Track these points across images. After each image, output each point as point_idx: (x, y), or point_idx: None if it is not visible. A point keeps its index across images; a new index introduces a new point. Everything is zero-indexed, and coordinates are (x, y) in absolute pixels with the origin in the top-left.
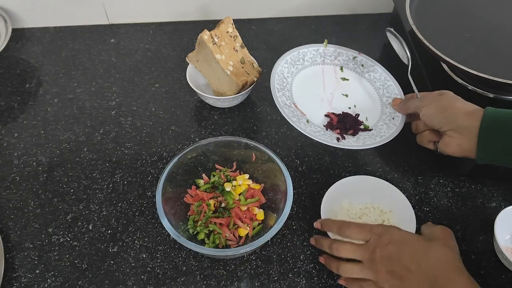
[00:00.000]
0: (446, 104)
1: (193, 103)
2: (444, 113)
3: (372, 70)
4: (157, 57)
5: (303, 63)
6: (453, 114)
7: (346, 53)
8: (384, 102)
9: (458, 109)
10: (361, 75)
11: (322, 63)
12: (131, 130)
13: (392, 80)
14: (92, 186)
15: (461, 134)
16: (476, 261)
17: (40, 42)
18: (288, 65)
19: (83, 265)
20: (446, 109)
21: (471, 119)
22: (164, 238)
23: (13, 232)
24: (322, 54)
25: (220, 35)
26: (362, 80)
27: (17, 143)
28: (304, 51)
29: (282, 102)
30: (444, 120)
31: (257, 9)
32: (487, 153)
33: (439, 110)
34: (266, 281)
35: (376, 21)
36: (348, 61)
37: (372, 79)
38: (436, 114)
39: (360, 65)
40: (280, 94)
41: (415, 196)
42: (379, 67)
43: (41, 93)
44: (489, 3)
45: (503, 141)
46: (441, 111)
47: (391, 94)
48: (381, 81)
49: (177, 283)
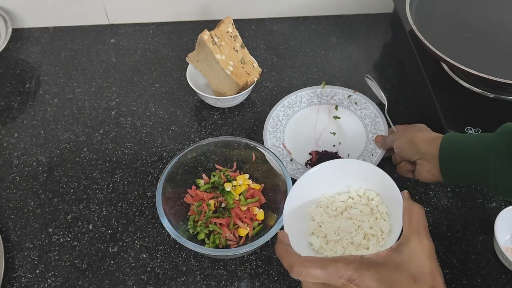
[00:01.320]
0: (412, 135)
1: (193, 103)
2: (411, 144)
3: (365, 108)
4: (157, 57)
5: (300, 105)
6: (417, 144)
7: (342, 92)
8: (369, 139)
9: (420, 139)
10: (353, 113)
11: (319, 103)
12: (131, 130)
13: (381, 117)
14: (92, 186)
15: (428, 162)
16: (476, 261)
17: (39, 42)
18: (284, 108)
19: (83, 265)
20: (412, 140)
21: (432, 147)
22: (164, 238)
23: (13, 232)
24: (319, 95)
25: (220, 35)
26: (354, 118)
27: (17, 143)
28: (301, 94)
29: (271, 143)
30: (411, 150)
31: (257, 9)
32: (451, 178)
33: (406, 141)
34: (266, 281)
35: (376, 21)
36: (343, 99)
37: (363, 116)
38: (404, 145)
39: (354, 102)
40: (271, 136)
41: (415, 196)
42: (371, 104)
43: (41, 93)
44: (489, 3)
45: (460, 167)
46: (408, 143)
47: (377, 131)
48: (371, 117)
49: (177, 283)
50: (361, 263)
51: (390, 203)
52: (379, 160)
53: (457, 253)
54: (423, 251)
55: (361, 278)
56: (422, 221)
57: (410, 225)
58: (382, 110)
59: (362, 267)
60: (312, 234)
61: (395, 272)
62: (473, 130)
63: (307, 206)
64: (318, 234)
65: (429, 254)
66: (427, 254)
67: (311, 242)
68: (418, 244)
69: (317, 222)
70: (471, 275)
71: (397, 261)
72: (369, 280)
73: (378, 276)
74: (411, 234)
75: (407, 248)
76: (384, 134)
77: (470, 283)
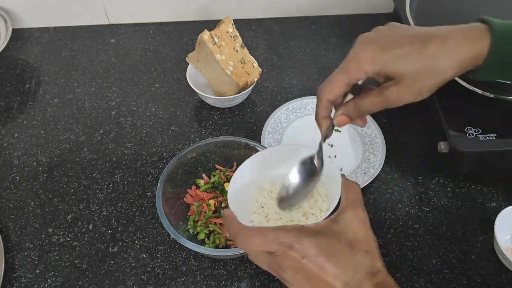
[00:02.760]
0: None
1: (193, 103)
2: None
3: (366, 126)
4: (157, 57)
5: (304, 112)
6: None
7: None
8: (365, 157)
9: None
10: (355, 129)
11: None
12: (131, 130)
13: (381, 138)
14: (92, 186)
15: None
16: (476, 261)
17: (39, 42)
18: (288, 112)
19: (83, 265)
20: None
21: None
22: (164, 238)
23: (13, 232)
24: None
25: (220, 35)
26: (354, 134)
27: (17, 143)
28: (307, 101)
29: (268, 143)
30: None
31: (257, 9)
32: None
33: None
34: (266, 281)
35: (376, 21)
36: None
37: (363, 134)
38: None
39: None
40: (270, 136)
41: (415, 196)
42: (373, 123)
43: (41, 93)
44: (489, 3)
45: None
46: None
47: (374, 151)
48: (371, 137)
49: (177, 283)
50: (301, 230)
51: (330, 185)
52: (372, 178)
53: (457, 253)
54: (358, 221)
55: (301, 244)
56: (358, 195)
57: (347, 199)
58: (383, 130)
59: (302, 234)
60: (254, 213)
61: (333, 239)
62: (473, 130)
63: (252, 188)
64: (260, 213)
65: (364, 223)
66: (362, 224)
67: (252, 219)
68: (353, 214)
69: (260, 203)
70: (471, 275)
71: (335, 230)
72: (308, 247)
73: (317, 243)
74: (348, 206)
75: (343, 219)
76: (381, 155)
77: (470, 283)
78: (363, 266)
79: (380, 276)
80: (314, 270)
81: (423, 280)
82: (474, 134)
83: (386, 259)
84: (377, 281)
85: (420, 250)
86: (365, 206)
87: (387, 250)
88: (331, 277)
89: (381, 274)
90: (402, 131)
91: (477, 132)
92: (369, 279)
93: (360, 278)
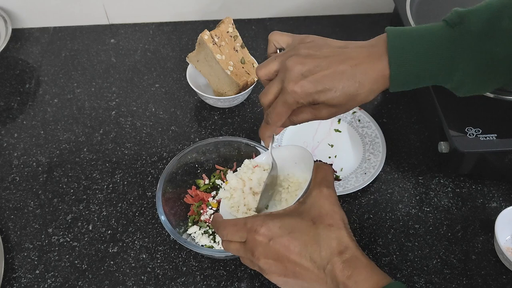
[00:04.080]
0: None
1: (193, 103)
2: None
3: (367, 126)
4: (156, 57)
5: None
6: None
7: None
8: (365, 158)
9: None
10: (355, 129)
11: None
12: (131, 130)
13: (381, 138)
14: (92, 187)
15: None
16: (476, 262)
17: (39, 43)
18: None
19: (83, 265)
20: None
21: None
22: (164, 238)
23: (13, 233)
24: None
25: (220, 35)
26: (354, 134)
27: (17, 144)
28: None
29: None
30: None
31: (257, 9)
32: (402, 69)
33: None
34: (266, 281)
35: (376, 21)
36: (347, 114)
37: (363, 134)
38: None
39: (357, 119)
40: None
41: (415, 196)
42: (374, 124)
43: (41, 94)
44: None
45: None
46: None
47: (375, 151)
48: (371, 137)
49: (177, 284)
50: (267, 215)
51: (307, 172)
52: (372, 178)
53: (457, 253)
54: (322, 197)
55: (266, 227)
56: (326, 175)
57: (315, 180)
58: (383, 130)
59: (267, 218)
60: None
61: (298, 218)
62: (473, 130)
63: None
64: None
65: (328, 199)
66: (326, 200)
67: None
68: (318, 192)
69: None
70: (471, 275)
71: (301, 210)
72: (273, 228)
73: (280, 224)
74: (314, 186)
75: (309, 199)
76: (382, 155)
77: (470, 283)
78: (326, 240)
79: (348, 252)
80: (281, 251)
81: (423, 280)
82: (475, 134)
83: (386, 259)
84: (346, 257)
85: (420, 250)
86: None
87: (388, 250)
88: (297, 256)
89: (349, 250)
90: (402, 131)
91: (477, 132)
92: (338, 256)
93: (328, 256)
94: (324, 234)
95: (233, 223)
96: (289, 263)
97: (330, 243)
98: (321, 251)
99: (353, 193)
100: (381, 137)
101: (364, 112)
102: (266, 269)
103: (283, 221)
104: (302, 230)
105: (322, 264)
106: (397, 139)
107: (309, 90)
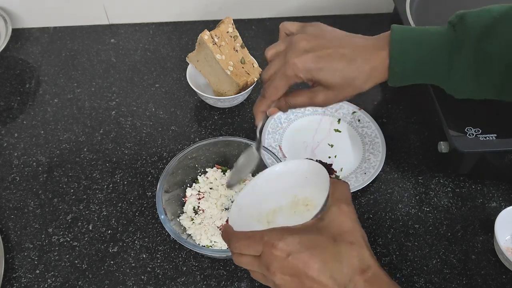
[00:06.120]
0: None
1: (193, 103)
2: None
3: (366, 126)
4: (156, 57)
5: (304, 112)
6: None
7: (347, 107)
8: (365, 157)
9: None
10: (355, 129)
11: (323, 114)
12: (131, 130)
13: (381, 138)
14: (92, 186)
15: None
16: (476, 261)
17: (39, 42)
18: (288, 112)
19: (83, 265)
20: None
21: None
22: (164, 238)
23: (13, 232)
24: None
25: (220, 35)
26: (354, 134)
27: (17, 143)
28: None
29: (268, 143)
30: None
31: (257, 9)
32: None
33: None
34: None
35: (376, 21)
36: (347, 114)
37: (363, 134)
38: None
39: (357, 119)
40: (270, 136)
41: (415, 196)
42: (373, 124)
43: (41, 93)
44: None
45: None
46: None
47: (375, 151)
48: (371, 137)
49: (177, 283)
50: (285, 229)
51: (322, 192)
52: (372, 178)
53: (457, 253)
54: (342, 215)
55: (284, 241)
56: (344, 193)
57: (333, 196)
58: (383, 130)
59: (286, 232)
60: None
61: (317, 235)
62: (473, 130)
63: (252, 216)
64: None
65: (349, 216)
66: (347, 217)
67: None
68: (337, 209)
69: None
70: (471, 275)
71: (319, 226)
72: (291, 243)
73: (300, 239)
74: (333, 203)
75: (328, 215)
76: (381, 155)
77: (470, 283)
78: (347, 258)
79: (371, 271)
80: (299, 267)
81: (423, 280)
82: (474, 134)
83: (386, 259)
84: (368, 276)
85: (420, 250)
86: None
87: (387, 250)
88: (316, 272)
89: (371, 268)
90: (402, 131)
91: (477, 132)
92: (359, 275)
93: (350, 274)
94: (346, 252)
95: (247, 236)
96: (307, 279)
97: (352, 261)
98: (343, 269)
99: (353, 193)
100: (381, 137)
101: (364, 112)
102: (282, 285)
103: (302, 237)
104: (322, 246)
105: (343, 282)
106: (397, 139)
107: (309, 65)
